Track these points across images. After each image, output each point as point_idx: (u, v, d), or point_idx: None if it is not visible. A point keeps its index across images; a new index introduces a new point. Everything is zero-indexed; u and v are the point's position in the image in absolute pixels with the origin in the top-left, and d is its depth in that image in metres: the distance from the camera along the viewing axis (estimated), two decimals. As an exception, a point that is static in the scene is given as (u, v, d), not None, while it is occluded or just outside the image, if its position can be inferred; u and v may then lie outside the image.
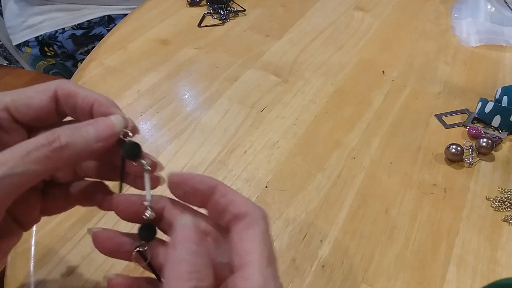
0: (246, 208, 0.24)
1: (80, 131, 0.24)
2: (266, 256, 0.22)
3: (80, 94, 0.26)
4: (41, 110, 0.26)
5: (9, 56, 1.18)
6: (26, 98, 0.26)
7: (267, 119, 0.51)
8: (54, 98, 0.26)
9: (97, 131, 0.25)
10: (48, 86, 0.27)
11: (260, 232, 0.23)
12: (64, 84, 0.27)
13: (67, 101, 0.26)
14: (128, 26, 0.67)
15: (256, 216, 0.24)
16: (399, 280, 0.36)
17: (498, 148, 0.48)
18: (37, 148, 0.22)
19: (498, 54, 0.64)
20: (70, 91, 0.26)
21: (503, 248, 0.39)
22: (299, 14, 0.72)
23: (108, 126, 0.25)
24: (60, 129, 0.23)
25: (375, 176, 0.45)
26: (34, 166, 0.22)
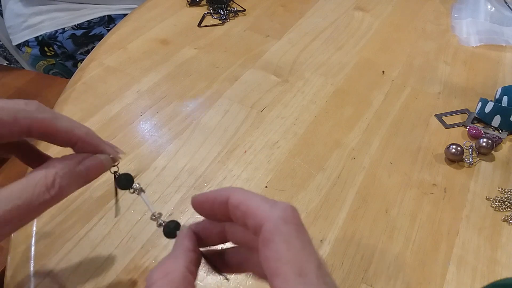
0: (262, 216, 0.21)
1: (75, 173, 0.24)
2: (295, 271, 0.19)
3: (59, 131, 0.25)
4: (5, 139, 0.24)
5: (9, 56, 1.18)
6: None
7: (267, 119, 0.51)
8: (25, 132, 0.24)
9: (89, 173, 0.25)
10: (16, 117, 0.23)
11: (283, 243, 0.20)
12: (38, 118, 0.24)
13: (42, 137, 0.25)
14: (128, 26, 0.67)
15: (275, 222, 0.20)
16: (399, 280, 0.36)
17: (498, 148, 0.48)
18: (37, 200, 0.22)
19: (498, 54, 0.64)
20: (46, 129, 0.24)
21: (503, 248, 0.39)
22: (299, 14, 0.72)
23: (99, 168, 0.26)
24: (57, 172, 0.23)
25: (375, 176, 0.45)
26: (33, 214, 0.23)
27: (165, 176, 0.44)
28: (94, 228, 0.38)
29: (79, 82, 0.56)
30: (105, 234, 0.38)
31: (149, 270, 0.36)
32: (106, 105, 0.52)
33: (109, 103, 0.53)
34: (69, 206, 0.40)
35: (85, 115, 0.51)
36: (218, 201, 0.23)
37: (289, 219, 0.20)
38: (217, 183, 0.43)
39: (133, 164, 0.45)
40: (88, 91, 0.54)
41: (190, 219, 0.40)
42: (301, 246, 0.19)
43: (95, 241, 0.37)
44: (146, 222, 0.39)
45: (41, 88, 0.87)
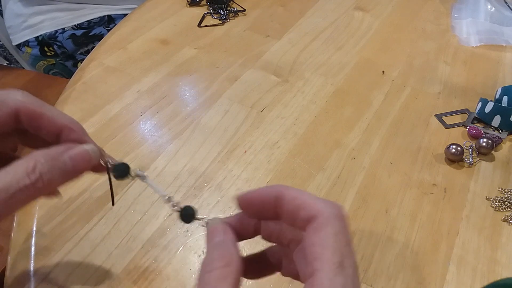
0: (317, 208, 0.22)
1: (58, 162, 0.24)
2: (338, 261, 0.20)
3: (45, 115, 0.25)
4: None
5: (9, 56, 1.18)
6: None
7: (267, 119, 0.51)
8: (14, 117, 0.24)
9: (75, 163, 0.24)
10: (5, 99, 0.24)
11: (332, 234, 0.21)
12: (26, 102, 0.24)
13: (30, 122, 0.25)
14: (128, 26, 0.67)
15: (328, 216, 0.21)
16: (399, 280, 0.36)
17: (498, 148, 0.48)
18: (17, 184, 0.22)
19: (498, 54, 0.64)
20: (34, 112, 0.25)
21: (503, 248, 0.39)
22: (299, 14, 0.72)
23: (85, 158, 0.25)
24: (38, 159, 0.23)
25: (375, 176, 0.45)
26: (13, 201, 0.22)
27: (165, 176, 0.44)
28: (94, 228, 0.38)
29: (79, 82, 0.56)
30: (105, 234, 0.38)
31: (149, 270, 0.36)
32: (106, 105, 0.52)
33: (109, 103, 0.53)
34: (69, 206, 0.40)
35: (85, 115, 0.51)
36: (268, 198, 0.23)
37: (340, 216, 0.21)
38: (217, 183, 0.43)
39: (133, 164, 0.45)
40: (88, 91, 0.54)
41: (190, 219, 0.40)
42: (346, 243, 0.21)
43: (95, 241, 0.37)
44: (146, 222, 0.39)
45: (41, 88, 0.87)
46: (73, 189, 0.42)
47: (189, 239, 0.38)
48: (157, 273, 0.35)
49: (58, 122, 0.25)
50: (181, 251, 0.37)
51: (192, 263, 0.36)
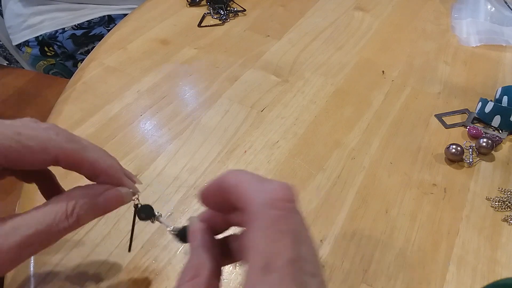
0: (248, 198, 0.19)
1: (94, 204, 0.25)
2: (260, 265, 0.17)
3: (86, 162, 0.26)
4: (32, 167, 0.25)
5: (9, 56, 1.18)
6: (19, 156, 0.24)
7: (267, 119, 0.51)
8: (53, 161, 0.25)
9: (108, 204, 0.26)
10: (46, 147, 0.24)
11: (259, 230, 0.18)
12: (67, 149, 0.25)
13: (68, 166, 0.26)
14: (128, 26, 0.67)
15: (257, 207, 0.18)
16: (399, 280, 0.36)
17: (498, 148, 0.48)
18: (57, 227, 0.24)
19: (498, 54, 0.64)
20: (74, 160, 0.25)
21: (503, 248, 0.39)
22: (299, 14, 0.72)
23: (118, 201, 0.27)
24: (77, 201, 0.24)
25: (375, 176, 0.45)
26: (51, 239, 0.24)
27: (165, 176, 0.44)
28: (94, 228, 0.38)
29: (79, 82, 0.56)
30: (105, 234, 0.38)
31: (149, 270, 0.36)
32: (106, 105, 0.52)
33: (109, 103, 0.53)
34: (69, 206, 0.40)
35: (85, 115, 0.51)
36: (220, 187, 0.22)
37: (275, 204, 0.18)
38: (217, 183, 0.43)
39: (133, 164, 0.45)
40: (88, 91, 0.54)
41: (190, 219, 0.40)
42: (278, 237, 0.17)
43: (95, 241, 0.37)
44: (146, 222, 0.39)
45: (41, 88, 0.87)
46: (73, 189, 0.42)
47: (189, 239, 0.38)
48: (157, 273, 0.35)
49: (97, 168, 0.26)
50: (181, 251, 0.37)
51: (192, 263, 0.36)
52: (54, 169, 0.29)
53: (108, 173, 0.27)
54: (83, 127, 0.49)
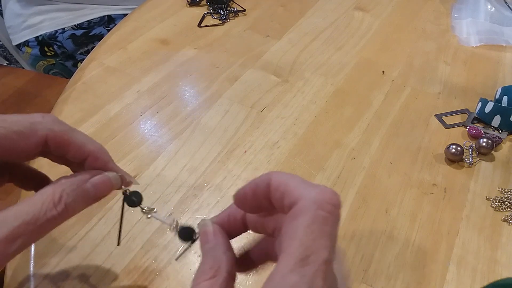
0: (298, 194, 0.20)
1: (82, 191, 0.25)
2: (299, 256, 0.18)
3: (73, 143, 0.25)
4: (24, 153, 0.25)
5: (9, 56, 1.18)
6: (10, 142, 0.24)
7: (267, 119, 0.51)
8: (42, 144, 0.25)
9: (97, 191, 0.26)
10: (34, 128, 0.24)
11: (305, 223, 0.19)
12: (55, 130, 0.25)
13: (57, 148, 0.25)
14: (128, 26, 0.67)
15: (307, 203, 0.19)
16: (399, 280, 0.36)
17: (498, 148, 0.48)
18: (45, 216, 0.23)
19: (498, 54, 0.64)
20: (62, 140, 0.25)
21: (503, 248, 0.39)
22: (299, 14, 0.72)
23: (107, 185, 0.26)
24: (64, 189, 0.24)
25: (375, 176, 0.45)
26: (40, 230, 0.23)
27: (165, 176, 0.44)
28: (94, 228, 0.38)
29: (79, 82, 0.56)
30: (105, 234, 0.38)
31: (149, 270, 0.36)
32: (106, 105, 0.52)
33: (109, 103, 0.53)
34: (69, 206, 0.40)
35: (85, 115, 0.51)
36: (260, 187, 0.22)
37: (323, 205, 0.19)
38: (217, 183, 0.43)
39: (133, 164, 0.45)
40: (88, 91, 0.54)
41: (190, 219, 0.40)
42: (320, 236, 0.19)
43: (95, 241, 0.37)
44: (146, 222, 0.39)
45: (41, 88, 0.87)
46: (73, 189, 0.42)
47: (189, 239, 0.38)
48: (157, 273, 0.35)
49: (84, 149, 0.26)
50: (181, 251, 0.37)
51: (192, 263, 0.36)
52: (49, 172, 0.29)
53: (95, 155, 0.26)
54: (83, 127, 0.49)
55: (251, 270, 0.27)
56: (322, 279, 0.18)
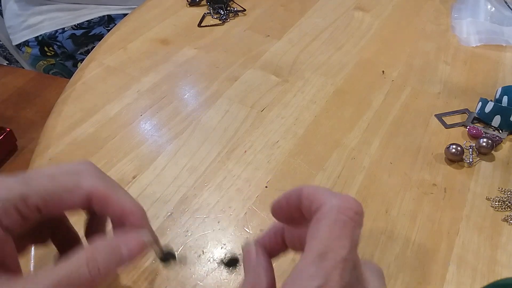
0: (322, 200, 0.22)
1: (116, 253, 0.25)
2: (318, 251, 0.20)
3: (115, 201, 0.26)
4: (68, 208, 0.25)
5: (9, 56, 1.18)
6: (57, 199, 0.24)
7: (267, 119, 0.51)
8: (86, 199, 0.25)
9: (130, 252, 0.26)
10: (80, 185, 0.25)
11: (326, 224, 0.20)
12: (99, 187, 0.25)
13: (99, 204, 0.26)
14: (128, 26, 0.67)
15: (329, 207, 0.21)
16: (399, 280, 0.36)
17: (498, 148, 0.48)
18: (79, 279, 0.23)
19: (498, 54, 0.64)
20: (105, 197, 0.26)
21: (503, 248, 0.39)
22: (299, 14, 0.72)
23: (140, 246, 0.26)
24: (99, 253, 0.24)
25: (375, 176, 0.45)
26: None
27: (165, 176, 0.44)
28: (94, 228, 0.38)
29: (79, 82, 0.56)
30: (105, 234, 0.38)
31: (149, 270, 0.36)
32: (106, 105, 0.52)
33: (109, 103, 0.53)
34: (69, 206, 0.40)
35: (85, 115, 0.51)
36: (293, 196, 0.24)
37: (344, 211, 0.21)
38: (217, 183, 0.43)
39: (133, 164, 0.45)
40: (88, 91, 0.54)
41: (190, 219, 0.40)
42: (339, 236, 0.20)
43: (95, 241, 0.37)
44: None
45: (41, 88, 0.87)
46: (73, 189, 0.42)
47: (189, 239, 0.38)
48: (157, 273, 0.35)
49: (124, 206, 0.26)
50: (181, 251, 0.37)
51: (192, 263, 0.36)
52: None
53: (134, 215, 0.27)
54: (83, 127, 0.49)
55: None
56: (339, 275, 0.19)
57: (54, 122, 0.50)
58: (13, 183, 0.23)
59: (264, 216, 0.40)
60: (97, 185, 0.25)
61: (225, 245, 0.38)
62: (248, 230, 0.39)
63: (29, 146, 0.74)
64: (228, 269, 0.32)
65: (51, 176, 0.24)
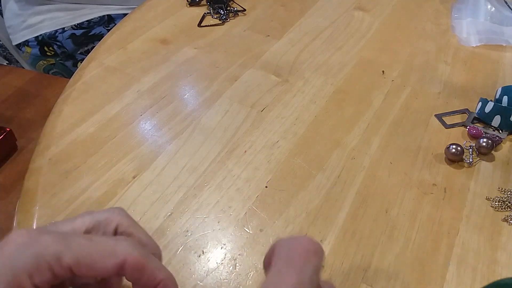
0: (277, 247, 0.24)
1: None
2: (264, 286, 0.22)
3: (148, 269, 0.25)
4: (102, 273, 0.25)
5: (9, 56, 1.18)
6: (90, 261, 0.24)
7: (267, 119, 0.51)
8: (120, 265, 0.25)
9: None
10: (115, 250, 0.25)
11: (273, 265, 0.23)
12: (134, 254, 0.25)
13: (132, 271, 0.25)
14: (128, 26, 0.67)
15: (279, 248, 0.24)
16: (399, 280, 0.36)
17: (498, 148, 0.48)
18: None
19: (498, 54, 0.64)
20: (139, 265, 0.25)
21: (503, 248, 0.39)
22: (299, 14, 0.72)
23: None
24: None
25: (375, 176, 0.45)
26: None
27: (165, 176, 0.44)
28: (94, 228, 0.38)
29: (79, 82, 0.56)
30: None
31: (149, 270, 0.35)
32: (106, 105, 0.52)
33: (109, 103, 0.53)
34: (69, 206, 0.40)
35: (85, 115, 0.51)
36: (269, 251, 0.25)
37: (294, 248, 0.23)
38: (217, 183, 0.43)
39: (133, 164, 0.45)
40: (88, 91, 0.54)
41: (190, 219, 0.40)
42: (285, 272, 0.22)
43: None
44: (146, 221, 0.39)
45: (41, 88, 0.87)
46: (73, 189, 0.42)
47: (189, 239, 0.38)
48: (157, 273, 0.35)
49: (157, 276, 0.26)
50: (181, 251, 0.37)
51: (192, 263, 0.36)
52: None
53: (166, 284, 0.26)
54: (83, 127, 0.49)
55: None
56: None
57: (54, 122, 0.50)
58: (50, 240, 0.23)
59: (264, 216, 0.40)
60: (133, 252, 0.25)
61: (225, 245, 0.38)
62: (248, 230, 0.39)
63: (29, 146, 0.74)
64: None
65: (89, 238, 0.24)
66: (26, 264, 0.22)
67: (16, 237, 0.23)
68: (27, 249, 0.22)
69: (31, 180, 0.43)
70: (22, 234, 0.23)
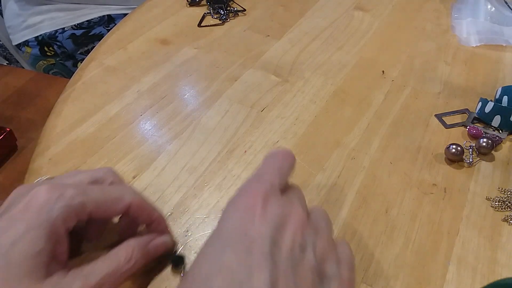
0: None
1: (146, 250, 0.32)
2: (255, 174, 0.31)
3: (147, 209, 0.33)
4: (113, 214, 0.32)
5: (9, 56, 1.18)
6: (106, 207, 0.30)
7: (267, 119, 0.51)
8: (127, 207, 0.31)
9: (156, 251, 0.33)
10: (123, 196, 0.31)
11: None
12: (136, 198, 0.32)
13: (135, 212, 0.32)
14: (128, 26, 0.67)
15: None
16: (399, 280, 0.36)
17: (498, 148, 0.48)
18: (121, 269, 0.29)
19: (498, 54, 0.64)
20: (140, 207, 0.32)
21: (503, 248, 0.39)
22: (299, 14, 0.72)
23: (163, 248, 0.34)
24: (134, 248, 0.31)
25: (375, 176, 0.45)
26: (117, 281, 0.29)
27: (165, 176, 0.44)
28: (94, 228, 0.38)
29: (79, 82, 0.56)
30: (105, 234, 0.38)
31: (149, 269, 0.35)
32: (106, 105, 0.52)
33: (109, 103, 0.53)
34: (69, 206, 0.40)
35: (85, 115, 0.51)
36: None
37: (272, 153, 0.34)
38: (217, 183, 0.43)
39: (133, 164, 0.45)
40: (88, 91, 0.54)
41: (190, 219, 0.40)
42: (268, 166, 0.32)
43: (95, 241, 0.37)
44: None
45: (41, 88, 0.87)
46: (73, 189, 0.42)
47: (189, 239, 0.38)
48: (157, 273, 0.35)
49: (153, 214, 0.34)
50: (181, 251, 0.37)
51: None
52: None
53: (158, 221, 0.34)
54: (83, 127, 0.49)
55: None
56: None
57: (54, 122, 0.50)
58: (75, 192, 0.28)
59: (264, 216, 0.40)
60: (135, 197, 0.32)
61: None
62: (248, 230, 0.39)
63: (29, 146, 0.74)
64: (175, 268, 0.35)
65: (101, 188, 0.31)
66: (59, 214, 0.27)
67: (41, 192, 0.27)
68: (58, 201, 0.27)
69: (31, 180, 0.43)
70: (45, 189, 0.27)
